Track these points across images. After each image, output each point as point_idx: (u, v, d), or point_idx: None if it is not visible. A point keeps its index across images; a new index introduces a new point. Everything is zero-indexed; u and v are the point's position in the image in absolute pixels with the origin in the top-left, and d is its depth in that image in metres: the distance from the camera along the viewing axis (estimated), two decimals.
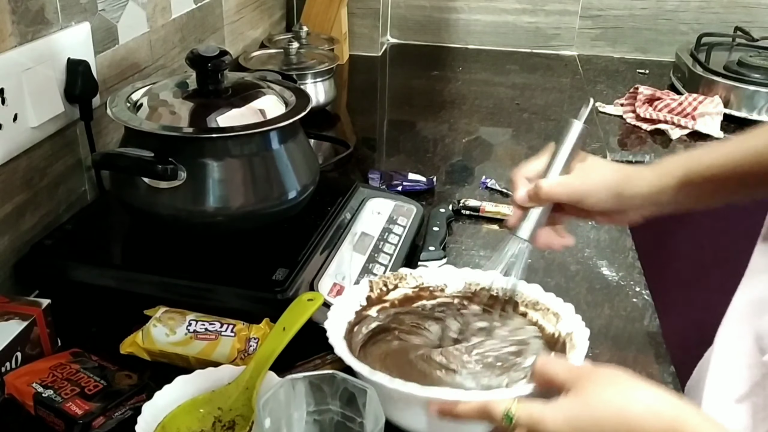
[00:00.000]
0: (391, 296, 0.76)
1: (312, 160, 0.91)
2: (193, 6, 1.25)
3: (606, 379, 0.55)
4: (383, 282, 0.76)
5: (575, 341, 0.67)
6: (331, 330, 0.67)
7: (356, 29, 1.80)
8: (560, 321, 0.71)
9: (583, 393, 0.54)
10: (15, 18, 0.81)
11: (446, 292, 0.77)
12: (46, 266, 0.83)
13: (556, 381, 0.57)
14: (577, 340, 0.67)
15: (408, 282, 0.77)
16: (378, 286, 0.76)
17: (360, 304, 0.74)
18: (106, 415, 0.66)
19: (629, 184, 0.71)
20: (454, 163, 1.25)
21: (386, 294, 0.76)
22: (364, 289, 0.75)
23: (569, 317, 0.70)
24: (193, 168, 0.79)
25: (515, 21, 1.87)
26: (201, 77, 0.85)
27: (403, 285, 0.77)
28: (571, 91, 1.65)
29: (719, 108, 1.41)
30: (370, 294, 0.75)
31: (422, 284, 0.77)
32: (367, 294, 0.75)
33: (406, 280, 0.77)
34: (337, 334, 0.67)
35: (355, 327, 0.72)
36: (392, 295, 0.76)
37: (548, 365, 0.58)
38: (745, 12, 1.75)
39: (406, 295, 0.76)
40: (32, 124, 0.85)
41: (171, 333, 0.73)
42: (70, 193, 0.95)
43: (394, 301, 0.75)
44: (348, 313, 0.72)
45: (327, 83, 1.39)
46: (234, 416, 0.66)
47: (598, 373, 0.56)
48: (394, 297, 0.76)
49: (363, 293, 0.74)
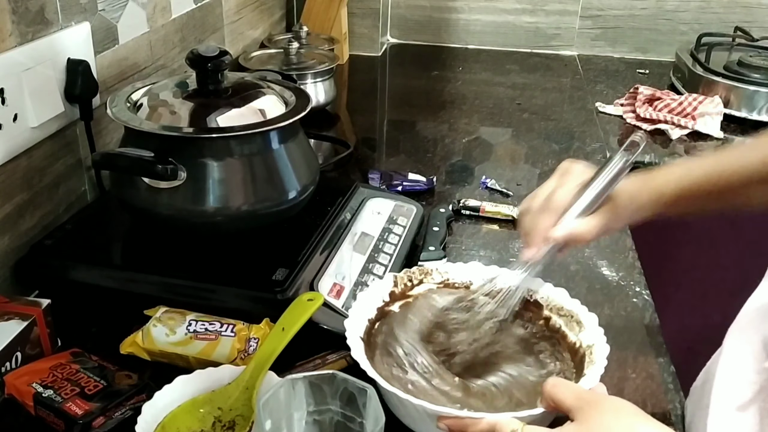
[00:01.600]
0: (415, 291, 0.75)
1: (312, 160, 0.91)
2: (193, 6, 1.25)
3: (611, 410, 0.55)
4: (408, 277, 0.75)
5: (594, 357, 0.66)
6: (350, 329, 0.66)
7: (356, 29, 1.80)
8: (582, 330, 0.70)
9: (588, 422, 0.54)
10: (15, 18, 0.81)
11: (472, 288, 0.75)
12: (46, 266, 0.83)
13: (562, 406, 0.57)
14: (597, 355, 0.65)
15: (434, 277, 0.76)
16: (402, 281, 0.74)
17: (383, 300, 0.72)
18: (106, 415, 0.66)
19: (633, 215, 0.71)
20: (454, 163, 1.25)
21: (410, 289, 0.75)
22: (389, 284, 0.74)
23: (592, 328, 0.69)
24: (193, 168, 0.79)
25: (515, 21, 1.87)
26: (201, 77, 0.85)
27: (428, 280, 0.76)
28: (571, 91, 1.65)
29: (719, 108, 1.41)
30: (394, 289, 0.74)
31: (447, 280, 0.76)
32: (390, 289, 0.73)
33: (431, 275, 0.76)
34: (356, 333, 0.66)
35: (376, 324, 0.71)
36: (416, 290, 0.75)
37: (557, 388, 0.58)
38: (745, 12, 1.75)
39: (430, 290, 0.75)
40: (32, 124, 0.85)
41: (171, 333, 0.73)
42: (70, 193, 0.95)
43: (417, 296, 0.74)
44: (370, 310, 0.71)
45: (327, 83, 1.39)
46: (234, 416, 0.66)
47: (604, 403, 0.56)
48: (418, 292, 0.74)
49: (387, 288, 0.73)
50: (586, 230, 0.69)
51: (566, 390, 0.58)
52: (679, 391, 0.76)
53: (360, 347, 0.66)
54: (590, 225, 0.69)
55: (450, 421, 0.59)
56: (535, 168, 1.25)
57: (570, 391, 0.58)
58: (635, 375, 0.77)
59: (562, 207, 0.69)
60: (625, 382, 0.76)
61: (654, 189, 0.72)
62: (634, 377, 0.77)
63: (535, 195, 0.72)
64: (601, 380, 0.62)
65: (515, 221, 1.05)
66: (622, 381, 0.76)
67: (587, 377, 0.63)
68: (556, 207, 0.70)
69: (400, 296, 0.74)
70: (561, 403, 0.57)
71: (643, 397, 0.74)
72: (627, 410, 0.55)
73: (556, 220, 0.69)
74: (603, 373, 0.63)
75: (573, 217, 0.69)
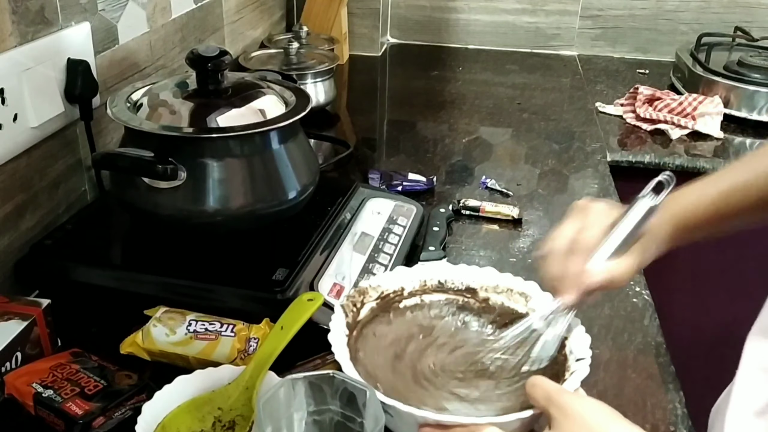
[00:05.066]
0: (361, 315, 0.71)
1: (312, 160, 0.91)
2: (193, 6, 1.25)
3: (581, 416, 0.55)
4: (352, 303, 0.71)
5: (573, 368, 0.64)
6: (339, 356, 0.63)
7: (356, 29, 1.80)
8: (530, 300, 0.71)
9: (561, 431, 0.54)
10: (15, 18, 0.81)
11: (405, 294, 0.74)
12: (46, 266, 0.83)
13: (537, 405, 0.57)
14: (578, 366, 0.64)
15: (371, 295, 0.73)
16: (349, 308, 0.71)
17: (345, 334, 0.68)
18: (106, 415, 0.66)
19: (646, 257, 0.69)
20: (454, 163, 1.25)
21: (358, 315, 0.71)
22: (341, 318, 0.69)
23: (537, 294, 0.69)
24: (193, 168, 0.79)
25: (515, 21, 1.87)
26: (201, 77, 0.85)
27: (367, 300, 0.72)
28: (571, 91, 1.65)
29: (719, 108, 1.41)
30: (347, 320, 0.70)
31: (383, 293, 0.73)
32: (345, 321, 0.69)
33: (368, 293, 0.73)
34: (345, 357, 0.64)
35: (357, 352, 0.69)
36: (362, 314, 0.71)
37: (534, 389, 0.58)
38: (745, 12, 1.75)
39: (372, 309, 0.72)
40: (32, 124, 0.85)
41: (171, 333, 0.73)
42: (70, 193, 0.95)
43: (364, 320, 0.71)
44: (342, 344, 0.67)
45: (327, 83, 1.39)
46: (234, 416, 0.66)
47: (573, 408, 0.55)
48: (365, 316, 0.71)
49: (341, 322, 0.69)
50: (623, 272, 0.65)
51: (540, 391, 0.57)
52: (679, 391, 0.76)
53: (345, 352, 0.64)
54: (626, 267, 0.65)
55: (429, 429, 0.58)
56: (535, 168, 1.25)
57: (543, 391, 0.57)
58: (635, 375, 0.77)
59: (590, 248, 0.65)
60: (625, 382, 0.76)
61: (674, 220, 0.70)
62: (634, 377, 0.77)
63: (558, 236, 0.67)
64: (602, 380, 0.62)
65: (515, 221, 1.05)
66: (622, 381, 0.76)
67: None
68: (585, 249, 0.65)
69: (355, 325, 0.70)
70: (536, 404, 0.57)
71: (643, 397, 0.74)
72: (597, 413, 0.55)
73: (585, 262, 0.65)
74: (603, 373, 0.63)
75: (604, 259, 0.64)
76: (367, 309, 0.72)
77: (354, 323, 0.70)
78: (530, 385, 0.59)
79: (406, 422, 0.60)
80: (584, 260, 0.64)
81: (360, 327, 0.71)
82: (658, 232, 0.68)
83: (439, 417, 0.59)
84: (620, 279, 0.65)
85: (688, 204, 0.71)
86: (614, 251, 0.64)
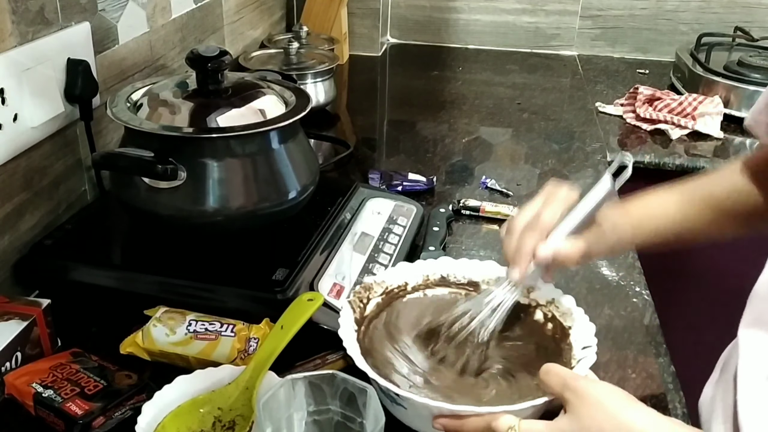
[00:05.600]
0: (368, 311, 0.74)
1: (312, 160, 0.91)
2: (193, 6, 1.25)
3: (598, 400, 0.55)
4: (359, 299, 0.74)
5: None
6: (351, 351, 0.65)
7: (356, 29, 1.80)
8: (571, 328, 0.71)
9: (578, 416, 0.55)
10: (15, 18, 0.81)
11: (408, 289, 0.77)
12: (46, 266, 0.83)
13: (553, 394, 0.58)
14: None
15: (375, 291, 0.75)
16: (356, 304, 0.73)
17: (354, 329, 0.70)
18: (106, 415, 0.66)
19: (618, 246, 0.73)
20: (454, 163, 1.25)
21: (365, 310, 0.73)
22: (349, 313, 0.71)
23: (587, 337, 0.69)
24: (193, 168, 0.79)
25: (515, 21, 1.87)
26: (201, 77, 0.85)
27: (372, 296, 0.75)
28: (571, 91, 1.65)
29: (719, 108, 1.41)
30: (355, 316, 0.72)
31: (387, 288, 0.76)
32: (353, 317, 0.71)
33: (373, 289, 0.75)
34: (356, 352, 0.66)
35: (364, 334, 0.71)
36: (368, 310, 0.74)
37: (548, 376, 0.59)
38: (745, 12, 1.75)
39: (377, 304, 0.74)
40: (32, 124, 0.85)
41: (171, 333, 0.73)
42: (70, 193, 0.95)
43: (371, 315, 0.73)
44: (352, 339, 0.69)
45: (327, 83, 1.39)
46: (234, 416, 0.66)
47: (590, 392, 0.56)
48: (371, 311, 0.74)
49: (350, 317, 0.71)
50: (571, 251, 0.67)
51: (555, 377, 0.59)
52: (679, 391, 0.76)
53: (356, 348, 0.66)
54: (575, 246, 0.68)
55: (445, 420, 0.59)
56: (535, 168, 1.25)
57: (558, 378, 0.58)
58: (635, 375, 0.77)
59: (548, 227, 0.68)
60: (625, 382, 0.76)
61: (633, 221, 0.73)
62: (634, 377, 0.77)
63: (519, 215, 0.70)
64: (602, 380, 0.62)
65: None
66: (622, 381, 0.76)
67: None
68: (542, 227, 0.68)
69: (361, 320, 0.72)
70: (551, 391, 0.58)
71: (643, 397, 0.74)
72: (613, 397, 0.56)
73: (541, 240, 0.68)
74: (603, 373, 0.63)
75: (559, 237, 0.67)
76: (373, 304, 0.74)
77: (361, 318, 0.73)
78: (544, 372, 0.59)
79: (420, 414, 0.61)
80: (539, 238, 0.67)
81: (367, 322, 0.73)
82: (621, 229, 0.71)
83: (454, 407, 0.59)
84: (569, 256, 0.68)
85: (647, 208, 0.74)
86: (570, 231, 0.67)
